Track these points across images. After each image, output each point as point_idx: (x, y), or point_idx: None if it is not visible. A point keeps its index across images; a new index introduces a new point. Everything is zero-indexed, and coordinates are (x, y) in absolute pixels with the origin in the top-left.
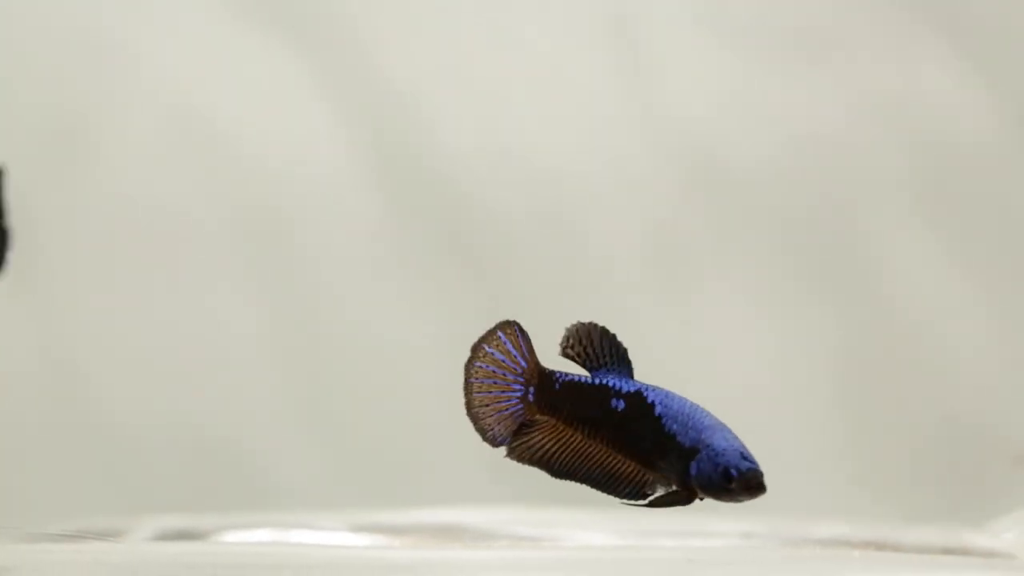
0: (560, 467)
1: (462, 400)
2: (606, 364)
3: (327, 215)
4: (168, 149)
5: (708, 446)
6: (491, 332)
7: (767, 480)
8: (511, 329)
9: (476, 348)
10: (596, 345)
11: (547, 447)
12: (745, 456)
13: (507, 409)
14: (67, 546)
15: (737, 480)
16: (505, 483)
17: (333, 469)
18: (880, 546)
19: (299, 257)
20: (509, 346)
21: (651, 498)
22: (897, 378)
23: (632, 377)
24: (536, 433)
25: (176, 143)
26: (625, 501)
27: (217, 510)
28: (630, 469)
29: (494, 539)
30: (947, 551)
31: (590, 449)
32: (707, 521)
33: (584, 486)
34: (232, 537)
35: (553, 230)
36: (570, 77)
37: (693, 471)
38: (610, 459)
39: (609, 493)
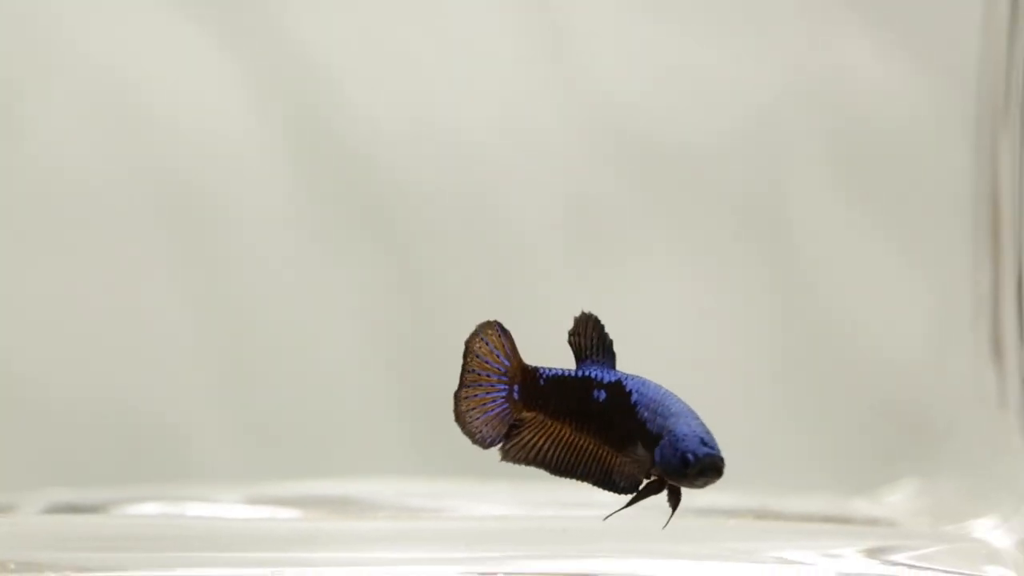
0: (556, 464)
1: (386, 379)
2: (591, 355)
3: (242, 188)
4: (89, 123)
5: (671, 432)
6: (474, 334)
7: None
8: (493, 330)
9: (465, 352)
10: (588, 335)
11: (540, 444)
12: (705, 442)
13: (493, 410)
14: None
15: (694, 465)
16: (403, 456)
17: (236, 442)
18: (761, 515)
19: (214, 230)
20: (491, 347)
21: (635, 495)
22: (800, 348)
23: (614, 368)
24: (526, 431)
25: (96, 117)
26: (609, 515)
27: (116, 483)
28: (620, 462)
29: (382, 511)
30: (828, 519)
31: (581, 443)
32: (592, 491)
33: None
34: (125, 510)
35: (469, 204)
36: (490, 49)
37: (657, 457)
38: (601, 452)
39: (606, 488)
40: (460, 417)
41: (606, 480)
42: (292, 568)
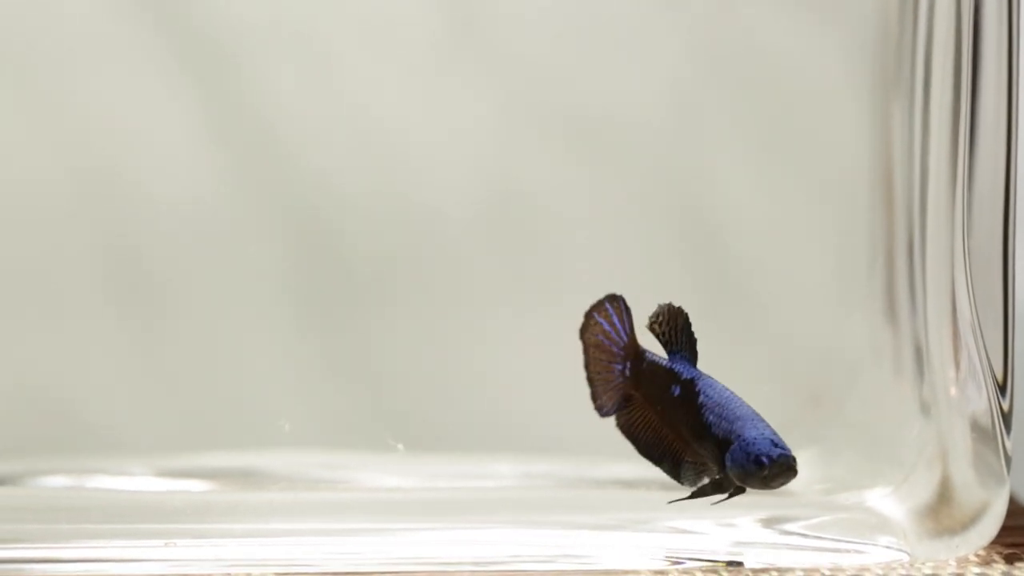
0: (643, 445)
1: (295, 351)
2: (680, 349)
3: (157, 174)
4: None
5: (740, 437)
6: (600, 303)
7: None
8: (617, 304)
9: (587, 316)
10: (678, 329)
11: (636, 423)
12: (776, 443)
13: (613, 381)
14: None
15: (770, 467)
16: (305, 427)
17: (145, 413)
18: (662, 486)
19: (126, 203)
20: (615, 319)
21: (695, 488)
22: (714, 313)
23: (695, 365)
24: (635, 410)
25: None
26: (674, 500)
27: (25, 455)
28: (688, 457)
29: (296, 483)
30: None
31: (662, 431)
32: (487, 463)
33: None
34: (40, 482)
35: (386, 193)
36: (403, 29)
37: (728, 462)
38: (675, 444)
39: (675, 479)
40: (588, 378)
41: (674, 472)
42: (187, 539)
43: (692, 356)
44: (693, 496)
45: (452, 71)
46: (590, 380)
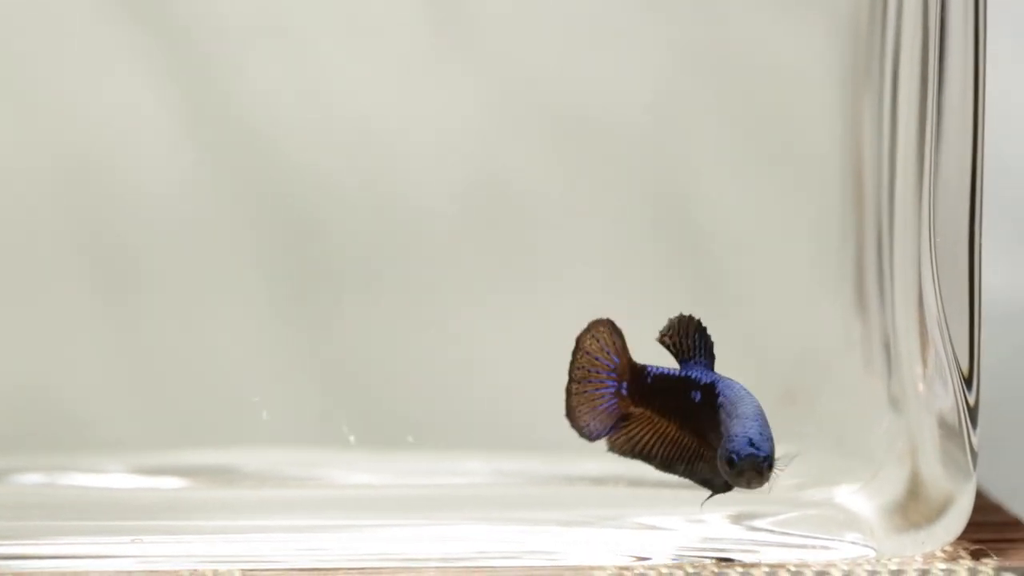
0: (660, 459)
1: (273, 351)
2: (695, 357)
3: (138, 166)
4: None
5: (727, 434)
6: (585, 331)
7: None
8: (604, 327)
9: (575, 348)
10: (690, 337)
11: (645, 439)
12: (753, 443)
13: (601, 405)
14: None
15: (738, 465)
16: (279, 423)
17: (122, 411)
18: (630, 483)
19: (109, 204)
20: (602, 344)
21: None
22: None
23: (712, 369)
24: (634, 426)
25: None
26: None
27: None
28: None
29: (266, 480)
30: (688, 486)
31: (684, 440)
32: (461, 461)
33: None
34: (13, 479)
35: (368, 187)
36: (391, 26)
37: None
38: (702, 450)
39: (706, 487)
40: (571, 412)
41: (706, 480)
42: (157, 536)
43: (709, 361)
44: (715, 493)
45: (440, 68)
46: (571, 415)
